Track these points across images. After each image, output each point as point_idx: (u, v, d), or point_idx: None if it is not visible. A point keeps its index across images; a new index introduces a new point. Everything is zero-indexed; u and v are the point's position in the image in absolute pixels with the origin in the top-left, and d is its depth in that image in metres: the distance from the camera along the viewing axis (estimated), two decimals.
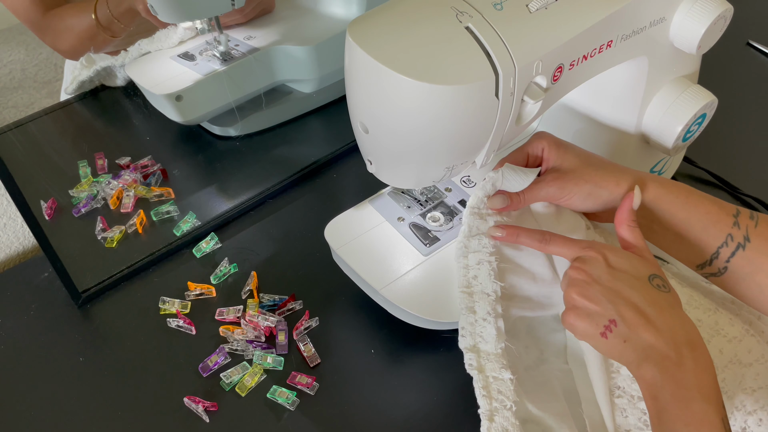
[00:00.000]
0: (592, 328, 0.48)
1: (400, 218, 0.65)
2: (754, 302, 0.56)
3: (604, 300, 0.48)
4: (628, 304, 0.47)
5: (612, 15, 0.53)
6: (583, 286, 0.49)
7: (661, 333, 0.46)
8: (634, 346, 0.46)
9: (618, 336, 0.47)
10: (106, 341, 0.65)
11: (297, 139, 0.86)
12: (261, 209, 0.77)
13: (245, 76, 0.81)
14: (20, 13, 0.81)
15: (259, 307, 0.66)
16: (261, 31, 0.84)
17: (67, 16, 0.81)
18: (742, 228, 0.54)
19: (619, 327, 0.47)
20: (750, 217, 0.55)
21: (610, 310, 0.47)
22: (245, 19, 0.83)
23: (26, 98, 0.86)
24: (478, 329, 0.54)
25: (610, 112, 0.67)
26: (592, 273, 0.49)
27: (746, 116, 0.90)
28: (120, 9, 0.78)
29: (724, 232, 0.55)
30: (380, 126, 0.51)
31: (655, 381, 0.45)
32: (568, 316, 0.49)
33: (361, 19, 0.49)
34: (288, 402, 0.59)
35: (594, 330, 0.47)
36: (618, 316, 0.47)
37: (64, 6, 0.81)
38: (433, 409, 0.59)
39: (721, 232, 0.55)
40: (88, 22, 0.79)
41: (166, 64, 0.80)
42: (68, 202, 0.76)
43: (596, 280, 0.49)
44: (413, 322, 0.60)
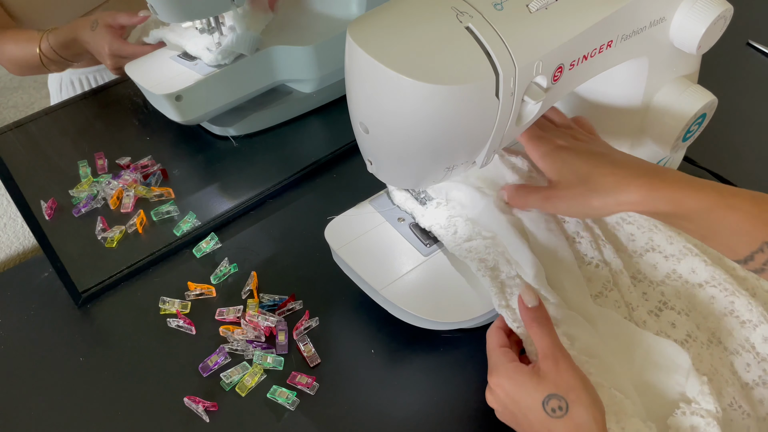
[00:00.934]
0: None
1: (400, 218, 0.65)
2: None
3: (518, 427, 0.52)
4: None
5: (612, 15, 0.53)
6: (499, 413, 0.54)
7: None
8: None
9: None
10: (106, 341, 0.65)
11: (297, 139, 0.86)
12: (261, 209, 0.77)
13: (245, 76, 0.81)
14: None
15: (259, 307, 0.66)
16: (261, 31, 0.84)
17: (9, 42, 0.78)
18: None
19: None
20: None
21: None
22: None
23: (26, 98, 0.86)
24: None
25: (610, 111, 0.66)
26: (497, 402, 0.53)
27: (746, 116, 0.90)
28: (60, 39, 0.76)
29: (759, 241, 0.51)
30: (380, 126, 0.51)
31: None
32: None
33: (361, 19, 0.49)
34: (288, 402, 0.59)
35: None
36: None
37: (9, 31, 0.79)
38: (433, 409, 0.59)
39: (756, 240, 0.52)
40: (31, 54, 0.77)
41: (166, 64, 0.80)
42: (68, 202, 0.76)
43: (503, 408, 0.53)
44: (413, 322, 0.60)
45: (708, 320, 0.60)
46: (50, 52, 0.76)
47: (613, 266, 0.61)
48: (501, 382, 0.51)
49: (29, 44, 0.77)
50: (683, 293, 0.61)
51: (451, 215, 0.63)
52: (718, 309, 0.60)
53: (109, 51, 0.76)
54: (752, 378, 0.58)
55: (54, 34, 0.77)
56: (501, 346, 0.54)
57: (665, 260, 0.62)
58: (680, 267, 0.61)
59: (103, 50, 0.76)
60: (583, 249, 0.62)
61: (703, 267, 0.61)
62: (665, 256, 0.62)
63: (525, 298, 0.55)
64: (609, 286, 0.61)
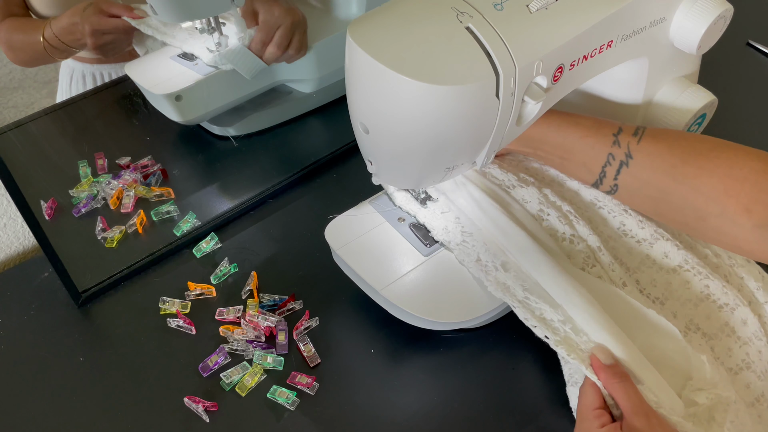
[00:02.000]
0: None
1: (400, 219, 0.65)
2: (652, 214, 0.59)
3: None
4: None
5: (612, 15, 0.53)
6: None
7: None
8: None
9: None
10: (106, 341, 0.65)
11: (297, 139, 0.86)
12: (261, 209, 0.77)
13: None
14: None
15: (259, 307, 0.66)
16: None
17: (17, 31, 0.80)
18: (623, 146, 0.56)
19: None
20: (633, 134, 0.56)
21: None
22: (290, 61, 0.80)
23: (26, 98, 0.86)
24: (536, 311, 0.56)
25: (609, 112, 0.67)
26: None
27: (746, 116, 0.90)
28: (61, 24, 0.77)
29: (605, 152, 0.57)
30: (380, 126, 0.51)
31: None
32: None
33: (361, 19, 0.49)
34: (288, 402, 0.59)
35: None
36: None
37: (18, 19, 0.80)
38: (433, 409, 0.59)
39: (601, 152, 0.57)
40: (36, 41, 0.78)
41: (166, 64, 0.80)
42: (68, 202, 0.76)
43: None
44: (413, 322, 0.60)
45: (685, 307, 0.60)
46: (53, 39, 0.77)
47: (590, 242, 0.61)
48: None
49: (35, 32, 0.78)
50: (659, 281, 0.61)
51: (457, 222, 0.62)
52: (694, 294, 0.60)
53: (90, 27, 0.76)
54: (735, 363, 0.58)
55: (56, 20, 0.77)
56: (595, 408, 0.51)
57: (638, 245, 0.62)
58: (653, 252, 0.61)
59: (84, 28, 0.76)
60: (552, 225, 0.62)
61: (675, 251, 0.61)
62: (637, 240, 0.62)
63: (600, 357, 0.52)
64: (591, 262, 0.60)
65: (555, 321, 0.55)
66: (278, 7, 0.74)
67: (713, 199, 0.53)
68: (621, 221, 0.62)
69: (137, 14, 0.77)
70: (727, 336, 0.59)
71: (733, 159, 0.53)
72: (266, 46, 0.76)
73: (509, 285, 0.58)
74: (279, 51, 0.75)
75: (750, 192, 0.51)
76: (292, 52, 0.77)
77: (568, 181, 0.65)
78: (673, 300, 0.60)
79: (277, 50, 0.75)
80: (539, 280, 0.57)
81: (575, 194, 0.64)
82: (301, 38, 0.77)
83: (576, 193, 0.64)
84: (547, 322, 0.55)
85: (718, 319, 0.59)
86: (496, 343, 0.64)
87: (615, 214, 0.63)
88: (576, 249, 0.60)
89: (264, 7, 0.74)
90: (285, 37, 0.75)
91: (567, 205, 0.62)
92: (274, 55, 0.76)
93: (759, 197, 0.51)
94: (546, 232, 0.61)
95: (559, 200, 0.62)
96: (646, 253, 0.61)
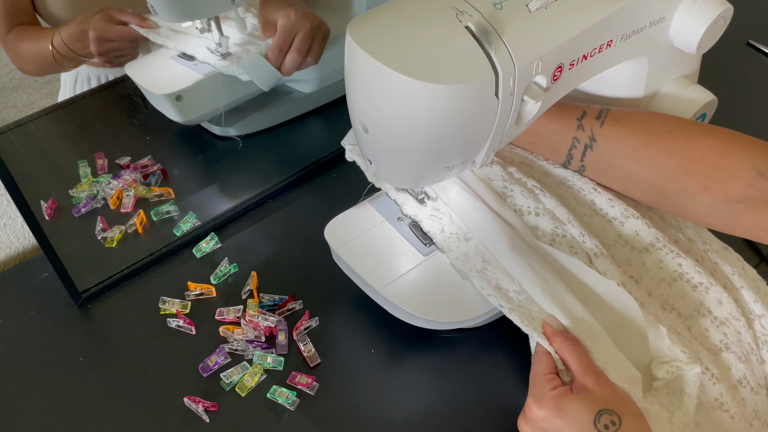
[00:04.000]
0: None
1: (399, 218, 0.65)
2: (619, 190, 0.62)
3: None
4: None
5: (612, 15, 0.53)
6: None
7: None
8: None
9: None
10: (106, 341, 0.65)
11: (297, 139, 0.86)
12: (261, 209, 0.77)
13: None
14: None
15: (259, 307, 0.66)
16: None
17: (26, 40, 0.79)
18: (587, 129, 0.59)
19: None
20: (596, 117, 0.59)
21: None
22: (316, 62, 0.77)
23: (26, 98, 0.86)
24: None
25: None
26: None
27: (746, 116, 0.90)
28: (70, 32, 0.76)
29: (569, 137, 0.60)
30: (380, 126, 0.51)
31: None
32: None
33: (361, 18, 0.49)
34: (288, 402, 0.59)
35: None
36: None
37: (26, 28, 0.79)
38: (433, 409, 0.59)
39: (566, 137, 0.60)
40: (45, 50, 0.77)
41: (166, 64, 0.80)
42: (68, 202, 0.76)
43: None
44: (413, 322, 0.60)
45: (660, 286, 0.60)
46: (62, 47, 0.76)
47: (558, 214, 0.61)
48: (545, 414, 0.49)
49: (44, 40, 0.77)
50: (633, 260, 0.61)
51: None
52: (668, 273, 0.60)
53: (94, 34, 0.75)
54: (714, 344, 0.58)
55: (65, 27, 0.76)
56: (547, 373, 0.52)
57: (609, 224, 0.62)
58: (625, 230, 0.62)
59: (89, 34, 0.75)
60: (517, 202, 0.62)
61: (646, 229, 0.61)
62: (608, 220, 0.63)
63: (554, 324, 0.55)
64: (560, 233, 0.61)
65: (510, 291, 0.57)
66: (295, 12, 0.72)
67: (674, 179, 0.56)
68: (591, 199, 0.63)
69: (148, 24, 0.76)
70: (703, 316, 0.59)
71: (691, 140, 0.55)
72: (284, 53, 0.73)
73: (470, 255, 0.59)
74: (299, 56, 0.72)
75: (708, 171, 0.54)
76: (311, 59, 0.74)
77: (537, 161, 0.66)
78: (647, 279, 0.61)
79: (297, 56, 0.72)
80: (497, 256, 0.59)
81: (544, 175, 0.66)
82: (320, 44, 0.75)
83: (545, 174, 0.66)
84: (503, 291, 0.57)
85: (693, 299, 0.60)
86: (496, 343, 0.64)
87: (585, 193, 0.64)
88: (542, 221, 0.61)
89: (282, 13, 0.72)
90: (305, 42, 0.72)
91: (532, 182, 0.63)
92: (294, 61, 0.73)
93: (716, 176, 0.54)
94: (510, 209, 0.62)
95: (525, 177, 0.63)
96: (618, 232, 0.62)
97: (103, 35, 0.75)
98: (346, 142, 0.68)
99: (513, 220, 0.61)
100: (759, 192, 0.53)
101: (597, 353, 0.53)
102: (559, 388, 0.50)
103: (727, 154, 0.54)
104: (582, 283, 0.57)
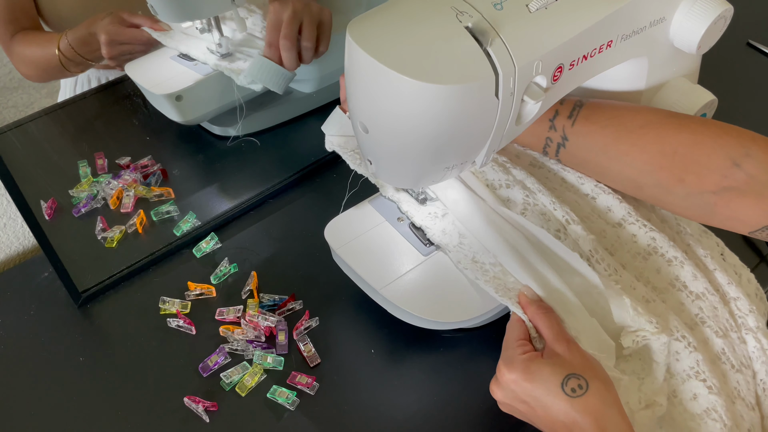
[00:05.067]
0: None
1: (399, 218, 0.65)
2: (599, 181, 0.62)
3: (524, 417, 0.52)
4: (545, 421, 0.50)
5: (612, 15, 0.53)
6: (504, 405, 0.54)
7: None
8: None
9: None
10: (106, 341, 0.65)
11: (297, 139, 0.86)
12: (261, 209, 0.77)
13: None
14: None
15: (259, 307, 0.66)
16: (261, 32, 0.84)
17: (31, 44, 0.77)
18: (559, 129, 0.60)
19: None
20: (569, 116, 0.59)
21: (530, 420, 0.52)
22: (308, 56, 0.75)
23: (26, 98, 0.86)
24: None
25: None
26: (506, 396, 0.52)
27: (746, 116, 0.90)
28: (77, 35, 0.75)
29: (542, 137, 0.61)
30: (380, 126, 0.51)
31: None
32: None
33: (361, 18, 0.49)
34: (288, 402, 0.59)
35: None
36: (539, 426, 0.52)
37: (31, 33, 0.78)
38: (433, 409, 0.59)
39: (539, 138, 0.61)
40: (51, 55, 0.76)
41: (166, 64, 0.80)
42: (68, 202, 0.76)
43: (512, 401, 0.52)
44: (413, 322, 0.60)
45: (636, 260, 0.61)
46: (68, 51, 0.75)
47: (528, 184, 0.62)
48: (515, 377, 0.51)
49: (49, 45, 0.76)
50: (608, 233, 0.62)
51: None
52: (642, 248, 0.61)
53: (106, 37, 0.74)
54: (689, 318, 0.59)
55: (72, 31, 0.75)
56: (519, 338, 0.54)
57: (583, 199, 0.63)
58: (598, 205, 0.62)
59: (100, 37, 0.74)
60: (489, 177, 0.63)
61: (617, 204, 0.62)
62: (580, 195, 0.64)
63: (528, 294, 0.56)
64: (531, 200, 0.62)
65: (486, 264, 0.59)
66: (278, 3, 0.70)
67: (647, 173, 0.56)
68: (562, 177, 0.65)
69: (161, 26, 0.76)
70: (678, 290, 0.59)
71: (662, 134, 0.55)
72: (275, 47, 0.71)
73: (447, 231, 0.61)
74: (289, 42, 0.70)
75: (681, 164, 0.54)
76: (307, 43, 0.71)
77: (508, 146, 0.67)
78: (622, 252, 0.61)
79: (287, 42, 0.70)
80: (472, 231, 0.60)
81: (515, 156, 0.67)
82: (311, 25, 0.71)
83: (516, 156, 0.67)
84: (479, 264, 0.59)
85: (667, 273, 0.60)
86: (497, 343, 0.64)
87: (555, 171, 0.65)
88: (513, 193, 0.62)
89: (269, 12, 0.71)
90: (290, 27, 0.69)
91: (503, 158, 0.64)
92: (287, 49, 0.70)
93: (690, 168, 0.54)
94: (482, 184, 0.62)
95: (496, 154, 0.64)
96: (592, 206, 0.63)
97: (116, 38, 0.75)
98: (329, 131, 0.66)
99: (485, 194, 0.62)
100: (733, 182, 0.53)
101: (570, 322, 0.55)
102: (529, 353, 0.52)
103: (700, 145, 0.54)
104: (555, 254, 0.58)
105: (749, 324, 0.59)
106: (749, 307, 0.60)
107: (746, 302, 0.60)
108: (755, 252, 0.72)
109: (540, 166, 0.66)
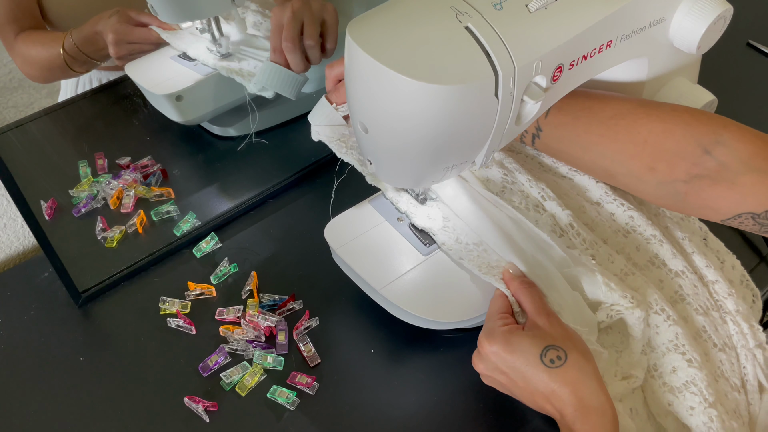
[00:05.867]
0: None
1: (399, 218, 0.65)
2: (575, 167, 0.63)
3: (506, 389, 0.54)
4: (525, 392, 0.52)
5: (612, 15, 0.53)
6: (486, 377, 0.55)
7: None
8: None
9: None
10: (106, 341, 0.65)
11: (297, 139, 0.86)
12: (261, 209, 0.77)
13: None
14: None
15: (259, 307, 0.66)
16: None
17: (35, 44, 0.76)
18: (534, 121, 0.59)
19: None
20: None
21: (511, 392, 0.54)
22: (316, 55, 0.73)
23: (26, 98, 0.86)
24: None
25: None
26: (487, 368, 0.54)
27: (746, 116, 0.90)
28: (82, 34, 0.74)
29: (530, 132, 0.61)
30: (380, 126, 0.51)
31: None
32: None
33: (361, 19, 0.49)
34: (288, 402, 0.59)
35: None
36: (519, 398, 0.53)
37: (35, 32, 0.77)
38: (433, 409, 0.59)
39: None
40: (55, 54, 0.75)
41: (166, 64, 0.80)
42: (68, 202, 0.76)
43: (493, 373, 0.54)
44: (413, 322, 0.60)
45: (617, 236, 0.61)
46: (73, 50, 0.75)
47: (506, 164, 0.64)
48: (496, 349, 0.52)
49: (54, 44, 0.75)
50: (588, 209, 0.63)
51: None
52: (620, 226, 0.62)
53: (114, 36, 0.73)
54: (669, 294, 0.59)
55: (77, 30, 0.75)
56: (500, 311, 0.55)
57: (561, 179, 0.65)
58: (576, 184, 0.64)
59: (108, 36, 0.73)
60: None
61: (593, 184, 0.63)
62: (558, 176, 0.65)
63: (511, 270, 0.57)
64: (510, 179, 0.63)
65: (470, 244, 0.60)
66: (278, 8, 0.69)
67: (619, 162, 0.57)
68: (539, 161, 0.66)
69: (169, 25, 0.75)
70: (658, 268, 0.60)
71: (632, 124, 0.56)
72: (279, 51, 0.70)
73: (432, 216, 0.63)
74: (292, 44, 0.69)
75: (651, 152, 0.55)
76: (310, 42, 0.70)
77: None
78: (603, 227, 0.62)
79: (290, 44, 0.69)
80: (456, 212, 0.61)
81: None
82: (313, 23, 0.70)
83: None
84: (462, 244, 0.60)
85: (647, 250, 0.61)
86: None
87: (533, 156, 0.67)
88: (492, 172, 0.64)
89: (271, 18, 0.70)
90: (291, 29, 0.68)
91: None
92: (291, 51, 0.69)
93: (661, 156, 0.54)
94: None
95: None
96: (571, 185, 0.64)
97: (124, 37, 0.74)
98: (315, 121, 0.64)
99: (468, 175, 0.63)
100: (704, 170, 0.53)
101: (553, 297, 0.56)
102: (509, 325, 0.53)
103: (670, 134, 0.54)
104: (531, 236, 0.59)
105: (728, 307, 0.60)
106: (728, 290, 0.60)
107: (725, 286, 0.61)
108: (755, 252, 0.72)
109: (518, 151, 0.67)
